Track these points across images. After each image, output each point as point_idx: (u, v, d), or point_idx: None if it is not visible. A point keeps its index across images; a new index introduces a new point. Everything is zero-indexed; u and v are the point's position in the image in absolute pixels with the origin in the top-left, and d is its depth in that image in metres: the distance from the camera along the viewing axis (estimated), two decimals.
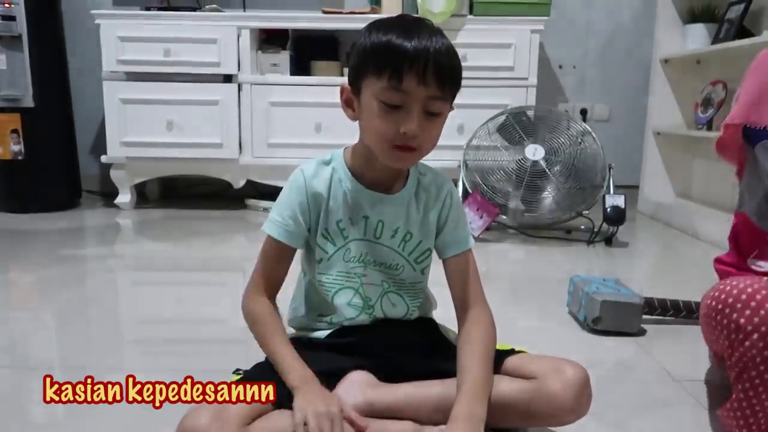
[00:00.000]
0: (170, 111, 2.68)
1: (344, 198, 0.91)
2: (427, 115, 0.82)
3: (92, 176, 3.19)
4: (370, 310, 0.95)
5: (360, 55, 0.83)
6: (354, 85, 0.85)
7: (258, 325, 0.90)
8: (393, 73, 0.79)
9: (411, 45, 0.79)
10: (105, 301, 1.66)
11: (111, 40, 2.65)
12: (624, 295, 1.38)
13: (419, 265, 0.96)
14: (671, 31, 2.79)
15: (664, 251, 2.38)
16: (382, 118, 0.81)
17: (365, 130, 0.86)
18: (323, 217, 0.92)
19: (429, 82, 0.79)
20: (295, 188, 0.92)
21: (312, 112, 2.69)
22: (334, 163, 0.93)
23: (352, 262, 0.93)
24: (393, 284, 0.95)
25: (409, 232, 0.94)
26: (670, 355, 1.28)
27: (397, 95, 0.80)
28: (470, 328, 0.91)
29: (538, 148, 2.28)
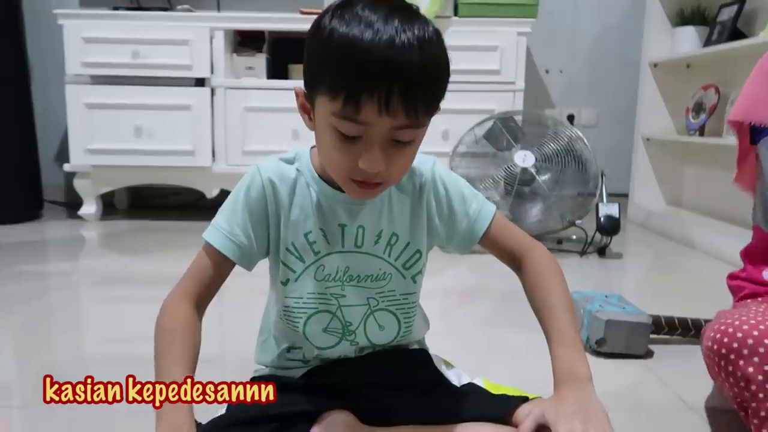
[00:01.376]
0: (138, 116, 2.53)
1: (314, 205, 0.76)
2: (396, 144, 0.65)
3: (57, 186, 3.01)
4: (351, 336, 0.80)
5: (312, 56, 0.65)
6: (308, 93, 0.68)
7: (166, 331, 0.71)
8: (349, 99, 0.61)
9: (375, 59, 0.59)
10: (67, 319, 1.51)
11: (75, 42, 2.49)
12: (630, 313, 1.27)
13: (409, 271, 0.80)
14: (660, 34, 2.72)
15: (659, 262, 2.29)
16: (337, 149, 0.65)
17: (320, 152, 0.71)
18: (286, 229, 0.76)
19: (395, 112, 0.61)
20: (250, 191, 0.75)
21: (289, 118, 2.55)
22: (298, 163, 0.77)
23: (327, 280, 0.78)
24: (381, 300, 0.80)
25: (395, 234, 0.78)
26: (682, 380, 1.17)
27: (354, 126, 0.63)
28: (536, 277, 0.79)
29: (527, 154, 2.18)
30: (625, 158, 2.94)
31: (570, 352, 0.72)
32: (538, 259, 0.81)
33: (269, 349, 0.85)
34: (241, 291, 1.65)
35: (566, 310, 0.76)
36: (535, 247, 0.82)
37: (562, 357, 0.72)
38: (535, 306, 0.79)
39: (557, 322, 0.75)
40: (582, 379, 0.70)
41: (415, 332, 0.86)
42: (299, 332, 0.79)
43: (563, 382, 0.70)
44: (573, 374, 0.70)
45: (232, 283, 0.80)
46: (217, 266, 0.75)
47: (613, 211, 2.09)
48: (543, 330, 0.77)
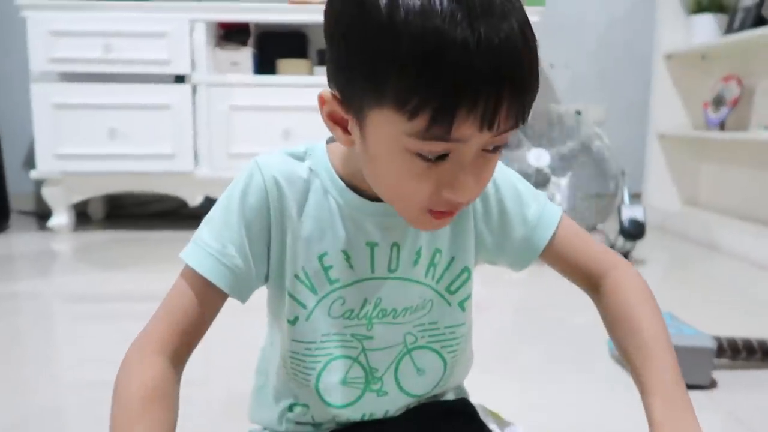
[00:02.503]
0: (112, 117, 2.30)
1: (333, 218, 0.56)
2: (485, 153, 0.48)
3: (25, 195, 2.77)
4: (377, 385, 0.60)
5: (360, 53, 0.44)
6: (348, 100, 0.48)
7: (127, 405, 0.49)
8: (438, 116, 0.42)
9: (476, 58, 0.41)
10: (37, 342, 1.33)
11: (41, 36, 2.26)
12: (690, 336, 1.08)
13: (454, 295, 0.61)
14: (674, 24, 2.55)
15: (687, 269, 2.11)
16: (414, 176, 0.47)
17: (379, 182, 0.51)
18: (295, 250, 0.56)
19: (500, 124, 0.44)
20: (248, 196, 0.54)
21: (279, 117, 2.36)
22: (311, 161, 0.57)
23: (348, 318, 0.58)
24: (421, 335, 0.60)
25: (438, 250, 0.59)
26: (756, 414, 0.99)
27: (442, 146, 0.45)
28: (619, 302, 0.59)
29: (541, 153, 1.99)
30: (636, 156, 2.77)
31: (673, 410, 0.52)
32: (622, 281, 0.60)
33: (266, 403, 0.64)
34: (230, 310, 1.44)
35: (664, 353, 0.56)
36: (617, 265, 0.62)
37: (664, 418, 0.52)
38: (620, 344, 0.59)
39: (652, 374, 0.54)
40: None
41: (460, 373, 0.66)
42: (310, 387, 0.59)
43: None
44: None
45: None
46: (204, 300, 0.54)
47: (637, 214, 1.91)
48: (633, 376, 0.56)
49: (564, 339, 1.34)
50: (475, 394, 0.70)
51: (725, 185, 2.49)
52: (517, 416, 0.71)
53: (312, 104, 2.21)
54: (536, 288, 1.76)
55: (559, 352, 1.27)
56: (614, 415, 1.00)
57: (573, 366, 1.19)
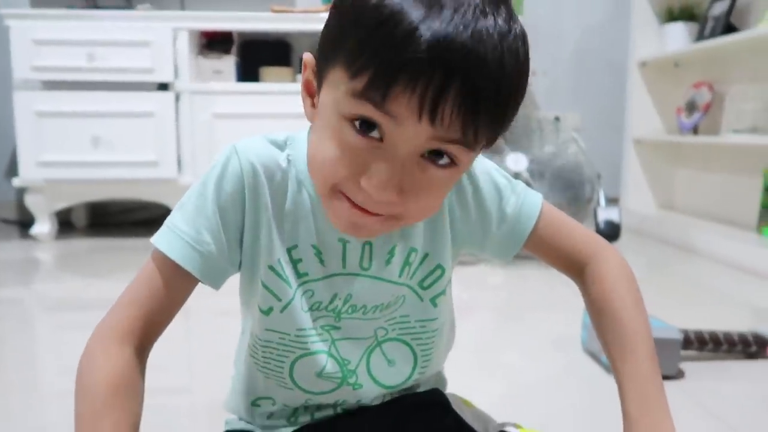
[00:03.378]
0: (96, 125, 2.31)
1: (307, 211, 0.55)
2: (427, 164, 0.46)
3: (6, 203, 2.76)
4: (353, 377, 0.60)
5: (335, 23, 0.47)
6: (318, 67, 0.49)
7: (92, 397, 0.49)
8: (376, 78, 0.42)
9: (429, 35, 0.41)
10: (19, 351, 1.32)
11: (24, 44, 2.27)
12: (658, 329, 1.12)
13: (426, 291, 0.60)
14: (648, 32, 2.62)
15: (661, 269, 2.16)
16: (338, 148, 0.46)
17: (310, 148, 0.52)
18: (269, 240, 0.55)
19: (443, 116, 0.42)
20: (224, 182, 0.54)
21: (263, 125, 2.37)
22: (290, 150, 0.56)
23: (317, 310, 0.58)
24: (391, 328, 0.61)
25: (413, 249, 0.58)
26: (722, 402, 1.03)
27: (375, 114, 0.44)
28: (603, 292, 0.60)
29: (519, 157, 2.04)
30: (612, 161, 2.84)
31: (649, 410, 0.55)
32: (605, 270, 0.60)
33: (238, 393, 0.66)
34: (213, 315, 1.44)
35: (641, 344, 0.57)
36: (600, 251, 0.62)
37: (638, 418, 0.54)
38: (602, 336, 0.60)
39: (628, 367, 0.56)
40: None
41: (435, 364, 0.67)
42: (283, 374, 0.60)
43: None
44: None
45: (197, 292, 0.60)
46: (174, 286, 0.54)
47: (613, 216, 1.96)
48: (613, 370, 0.58)
49: (542, 337, 1.37)
50: (460, 393, 0.72)
51: (699, 188, 2.55)
52: (500, 413, 0.73)
53: (295, 111, 2.22)
54: (516, 290, 1.80)
55: (537, 350, 1.30)
56: (590, 407, 1.04)
57: (551, 362, 1.22)
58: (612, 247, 0.64)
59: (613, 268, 0.61)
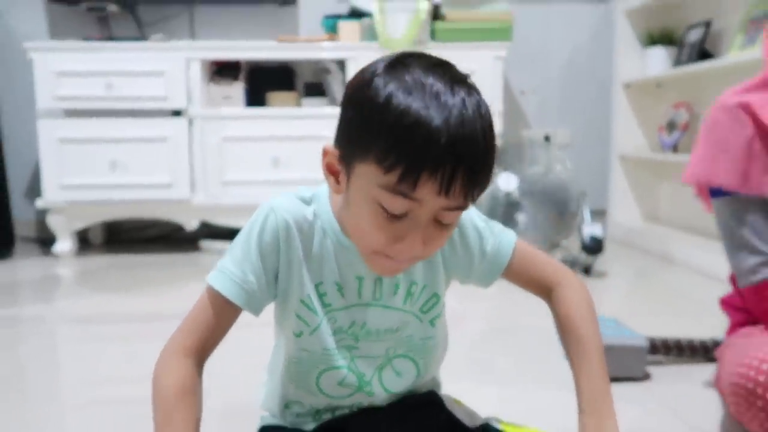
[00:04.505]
0: (114, 150, 2.48)
1: (329, 255, 0.70)
2: (437, 224, 0.61)
3: (27, 222, 2.92)
4: (367, 386, 0.76)
5: (361, 122, 0.58)
6: (344, 156, 0.61)
7: (165, 399, 0.64)
8: (407, 174, 0.55)
9: (443, 137, 0.55)
10: (45, 364, 1.44)
11: (47, 75, 2.44)
12: (627, 337, 1.27)
13: (426, 314, 0.75)
14: (631, 55, 2.78)
15: (643, 279, 2.31)
16: (376, 226, 0.60)
17: (348, 222, 0.66)
18: (300, 279, 0.70)
19: (454, 193, 0.57)
20: (264, 234, 0.68)
21: (269, 146, 2.54)
22: (316, 206, 0.70)
23: (340, 333, 0.73)
24: (399, 347, 0.76)
25: (414, 283, 0.73)
26: (683, 402, 1.17)
27: (404, 203, 0.58)
28: (563, 316, 0.75)
29: (510, 177, 2.19)
30: (601, 176, 2.99)
31: (598, 408, 0.70)
32: (568, 295, 0.76)
33: (272, 396, 0.81)
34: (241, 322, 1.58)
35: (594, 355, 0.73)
36: (563, 279, 0.77)
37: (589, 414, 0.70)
38: (566, 348, 0.76)
39: (583, 373, 0.72)
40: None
41: (433, 370, 0.83)
42: (311, 383, 0.76)
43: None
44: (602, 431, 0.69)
45: None
46: (224, 315, 0.69)
47: (597, 231, 2.11)
48: (572, 374, 0.74)
49: (529, 344, 1.50)
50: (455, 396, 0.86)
51: (682, 202, 2.71)
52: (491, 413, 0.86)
53: (299, 133, 2.47)
54: (505, 301, 1.94)
55: (528, 356, 1.44)
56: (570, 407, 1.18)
57: (542, 368, 1.35)
58: (573, 275, 0.79)
59: (574, 293, 0.77)
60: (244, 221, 0.70)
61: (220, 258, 0.72)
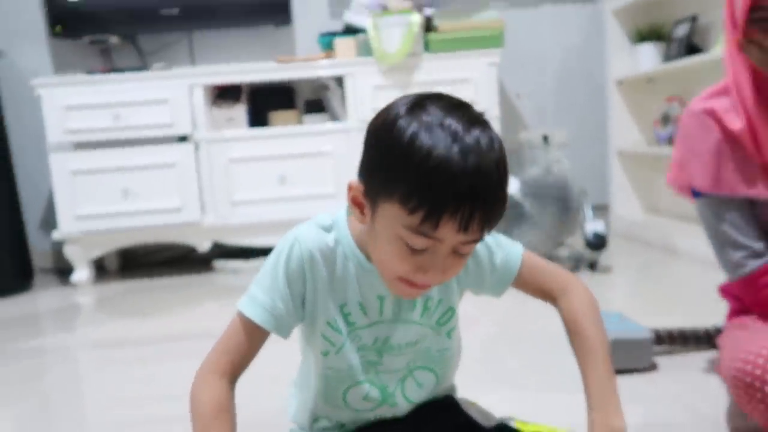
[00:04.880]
0: (124, 178, 2.55)
1: (351, 278, 0.75)
2: (455, 254, 0.67)
3: (44, 253, 2.99)
4: (391, 398, 0.82)
5: (385, 163, 0.64)
6: (369, 192, 0.67)
7: (203, 416, 0.70)
8: (429, 217, 0.61)
9: (463, 181, 0.60)
10: (70, 391, 1.51)
11: (55, 110, 2.51)
12: (632, 330, 1.33)
13: (442, 327, 0.81)
14: (621, 52, 2.84)
15: (648, 272, 2.36)
16: (400, 259, 0.66)
17: (374, 252, 0.71)
18: (326, 302, 0.75)
19: (472, 229, 0.62)
20: (290, 263, 0.73)
21: (274, 165, 2.60)
22: (336, 233, 0.76)
23: (365, 350, 0.79)
24: (419, 359, 0.82)
25: (430, 297, 0.79)
26: (690, 391, 1.22)
27: (425, 241, 0.63)
28: (569, 321, 0.81)
29: (512, 180, 2.25)
30: (600, 172, 3.04)
31: (605, 404, 0.75)
32: (571, 302, 0.81)
33: (300, 410, 0.86)
34: None
35: (599, 354, 0.78)
36: (569, 285, 0.83)
37: (596, 410, 0.75)
38: (574, 349, 0.81)
39: (590, 371, 0.77)
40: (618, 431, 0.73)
41: (450, 378, 0.89)
42: (338, 397, 0.81)
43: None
44: (609, 426, 0.73)
45: None
46: (255, 340, 0.74)
47: (599, 228, 2.17)
48: (580, 372, 0.79)
49: (541, 345, 1.54)
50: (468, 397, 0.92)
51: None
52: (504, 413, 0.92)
53: (303, 150, 2.52)
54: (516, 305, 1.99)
55: (538, 357, 1.48)
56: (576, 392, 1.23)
57: (552, 368, 1.39)
58: (578, 281, 0.85)
59: (579, 298, 0.82)
60: (254, 239, 0.77)
61: (234, 277, 0.78)
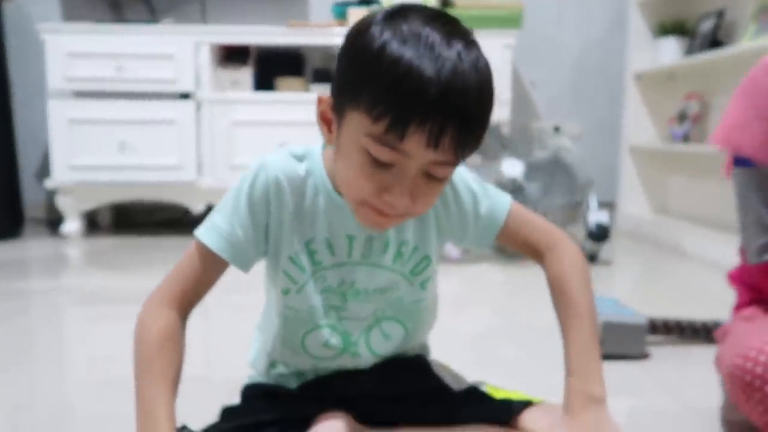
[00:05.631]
0: (122, 131, 2.50)
1: (321, 213, 0.69)
2: (428, 178, 0.60)
3: (37, 203, 2.95)
4: (353, 348, 0.75)
5: (354, 69, 0.58)
6: (337, 104, 0.61)
7: (148, 345, 0.64)
8: (394, 125, 0.55)
9: (433, 89, 0.53)
10: (50, 337, 1.45)
11: (58, 56, 2.46)
12: (627, 315, 1.26)
13: (417, 277, 0.74)
14: (643, 45, 2.76)
15: (649, 268, 2.29)
16: (362, 173, 0.59)
17: (338, 171, 0.64)
18: (290, 236, 0.69)
19: (443, 147, 0.56)
20: (254, 189, 0.67)
21: (276, 131, 2.54)
22: (308, 163, 0.70)
23: (327, 293, 0.72)
24: (388, 308, 0.75)
25: (404, 242, 0.72)
26: (682, 381, 1.15)
27: (390, 154, 0.57)
28: (556, 278, 0.74)
29: (515, 163, 2.18)
30: (611, 169, 2.96)
31: (586, 370, 0.69)
32: (559, 258, 0.75)
33: (259, 355, 0.81)
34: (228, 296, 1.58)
35: (585, 317, 0.71)
36: (558, 242, 0.76)
37: (576, 374, 0.69)
38: (557, 312, 0.74)
39: (573, 333, 0.70)
40: (597, 400, 0.67)
41: (422, 335, 0.82)
42: (296, 343, 0.75)
43: (577, 402, 0.67)
44: (588, 394, 0.67)
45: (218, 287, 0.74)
46: (211, 269, 0.69)
47: (603, 219, 2.09)
48: (562, 334, 0.72)
49: (536, 332, 1.48)
50: None
51: (692, 194, 2.68)
52: None
53: (307, 119, 2.43)
54: (514, 287, 1.94)
55: (533, 346, 1.41)
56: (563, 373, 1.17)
57: (548, 358, 1.33)
58: (568, 239, 0.78)
59: (568, 256, 0.75)
60: None
61: None
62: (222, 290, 0.73)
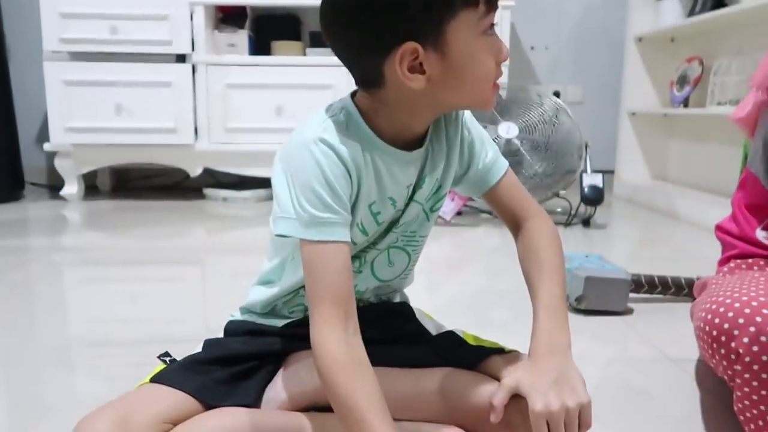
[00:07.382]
0: (118, 93, 2.49)
1: (375, 173, 0.69)
2: None
3: (38, 168, 2.97)
4: (361, 267, 0.77)
5: None
6: (425, 39, 0.61)
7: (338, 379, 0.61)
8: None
9: None
10: (48, 296, 1.48)
11: (52, 17, 2.44)
12: (610, 270, 1.27)
13: (434, 213, 0.79)
14: (644, 8, 2.71)
15: (643, 232, 2.29)
16: (486, 53, 0.64)
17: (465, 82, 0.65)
18: (357, 203, 0.69)
19: None
20: (324, 159, 0.64)
21: (272, 95, 2.54)
22: (349, 120, 0.68)
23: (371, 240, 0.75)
24: (402, 239, 0.78)
25: (437, 179, 0.76)
26: (662, 335, 1.17)
27: (493, 16, 0.64)
28: (532, 240, 0.76)
29: (511, 126, 2.17)
30: (611, 134, 2.94)
31: (553, 319, 0.69)
32: (538, 226, 0.78)
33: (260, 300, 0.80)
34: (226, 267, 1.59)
35: (556, 276, 0.73)
36: (538, 215, 0.79)
37: (543, 322, 0.69)
38: (525, 271, 0.76)
39: (544, 288, 0.72)
40: (561, 347, 0.67)
41: (411, 276, 0.85)
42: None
43: (541, 348, 0.67)
44: (553, 342, 0.67)
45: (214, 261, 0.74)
46: (345, 259, 0.65)
47: (597, 181, 2.09)
48: (530, 295, 0.74)
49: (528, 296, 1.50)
50: None
51: (691, 159, 2.66)
52: None
53: (303, 82, 2.41)
54: (509, 253, 1.94)
55: (526, 308, 1.43)
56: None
57: None
58: (547, 214, 0.81)
59: (544, 226, 0.78)
60: (246, 168, 0.68)
61: (222, 204, 0.70)
62: (220, 252, 0.73)
